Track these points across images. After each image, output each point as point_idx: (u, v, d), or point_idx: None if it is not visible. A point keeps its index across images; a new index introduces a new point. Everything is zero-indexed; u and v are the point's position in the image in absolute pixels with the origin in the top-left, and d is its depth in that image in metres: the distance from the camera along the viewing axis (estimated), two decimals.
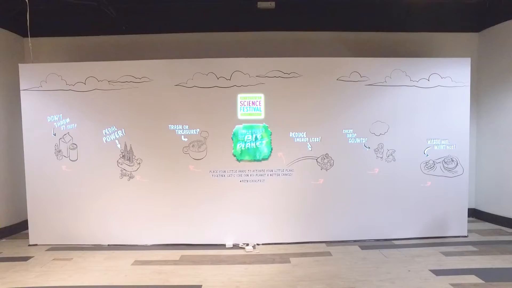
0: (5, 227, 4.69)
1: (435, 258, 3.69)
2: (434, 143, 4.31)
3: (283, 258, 3.79)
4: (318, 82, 4.24)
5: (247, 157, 4.26)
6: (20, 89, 4.21)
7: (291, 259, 3.77)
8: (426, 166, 4.31)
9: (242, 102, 4.24)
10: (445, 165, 4.31)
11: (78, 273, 3.45)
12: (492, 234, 4.53)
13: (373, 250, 3.99)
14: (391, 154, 4.29)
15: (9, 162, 4.69)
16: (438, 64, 4.28)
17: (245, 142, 4.25)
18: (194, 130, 4.24)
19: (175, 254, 3.94)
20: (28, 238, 4.33)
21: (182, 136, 4.24)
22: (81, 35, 5.06)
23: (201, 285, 3.13)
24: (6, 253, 4.05)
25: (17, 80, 4.26)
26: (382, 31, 5.15)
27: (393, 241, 4.27)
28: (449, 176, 4.33)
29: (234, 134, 4.24)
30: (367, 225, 4.31)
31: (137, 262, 3.71)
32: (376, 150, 4.29)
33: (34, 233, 4.31)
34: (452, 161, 4.31)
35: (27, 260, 3.83)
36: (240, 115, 4.24)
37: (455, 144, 4.32)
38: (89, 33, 5.06)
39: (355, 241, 4.28)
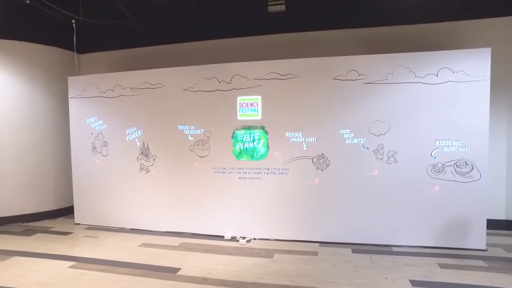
0: (64, 208, 5.84)
1: (426, 269, 3.40)
2: (444, 144, 3.91)
3: (269, 253, 3.95)
4: (314, 82, 4.23)
5: (245, 156, 4.50)
6: (68, 97, 5.22)
7: (276, 255, 3.90)
8: (434, 170, 3.94)
9: (241, 104, 4.49)
10: (457, 169, 3.88)
11: (95, 248, 4.19)
12: None
13: (364, 254, 3.85)
14: (392, 156, 4.05)
15: (67, 156, 5.79)
16: (449, 57, 3.86)
17: (244, 142, 4.50)
18: (199, 130, 4.66)
19: (177, 241, 4.42)
20: None
21: (189, 135, 4.70)
22: (120, 49, 5.94)
23: (180, 268, 3.52)
24: (57, 228, 5.09)
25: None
26: (398, 24, 4.80)
27: (392, 248, 4.03)
28: (462, 182, 3.88)
29: (233, 134, 4.52)
30: (364, 229, 4.15)
31: (143, 245, 4.30)
32: (376, 151, 4.10)
33: (78, 215, 5.30)
34: (466, 164, 3.86)
35: (67, 235, 4.76)
36: (239, 116, 4.50)
37: (470, 146, 3.85)
38: (126, 47, 5.90)
39: (350, 244, 4.17)
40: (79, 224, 5.27)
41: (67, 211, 5.85)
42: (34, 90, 5.43)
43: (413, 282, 3.10)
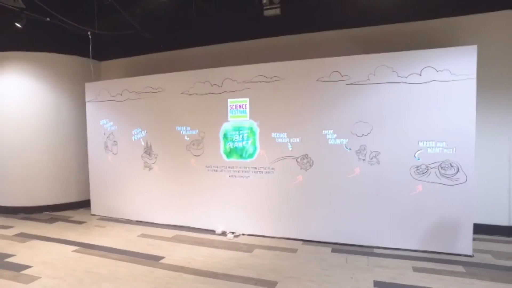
0: (85, 200, 6.50)
1: (398, 271, 3.38)
2: (428, 145, 3.81)
3: (250, 248, 4.15)
4: (298, 84, 4.34)
5: (235, 155, 4.73)
6: (86, 101, 5.84)
7: (256, 250, 4.09)
8: (417, 171, 3.86)
9: (231, 106, 4.72)
10: (442, 171, 3.76)
11: (101, 236, 4.70)
12: None
13: (342, 254, 3.89)
14: (375, 157, 4.03)
15: (87, 153, 6.45)
16: (433, 56, 3.75)
17: (234, 142, 4.73)
18: (194, 130, 4.98)
19: (172, 233, 4.79)
20: None
21: (186, 136, 5.04)
22: (134, 55, 6.47)
23: (165, 257, 3.87)
24: (75, 218, 5.73)
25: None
26: (388, 23, 4.70)
27: (374, 249, 4.01)
28: (447, 184, 3.76)
29: (224, 135, 4.77)
30: (347, 229, 4.17)
31: (142, 235, 4.73)
32: (358, 151, 4.10)
33: (94, 206, 5.91)
34: (451, 166, 3.72)
35: (82, 224, 5.36)
36: (230, 118, 4.74)
37: (455, 148, 3.71)
38: (138, 53, 6.41)
39: (333, 243, 4.22)
40: (94, 215, 5.88)
41: (88, 203, 6.50)
42: (59, 96, 6.13)
43: (376, 283, 3.13)
